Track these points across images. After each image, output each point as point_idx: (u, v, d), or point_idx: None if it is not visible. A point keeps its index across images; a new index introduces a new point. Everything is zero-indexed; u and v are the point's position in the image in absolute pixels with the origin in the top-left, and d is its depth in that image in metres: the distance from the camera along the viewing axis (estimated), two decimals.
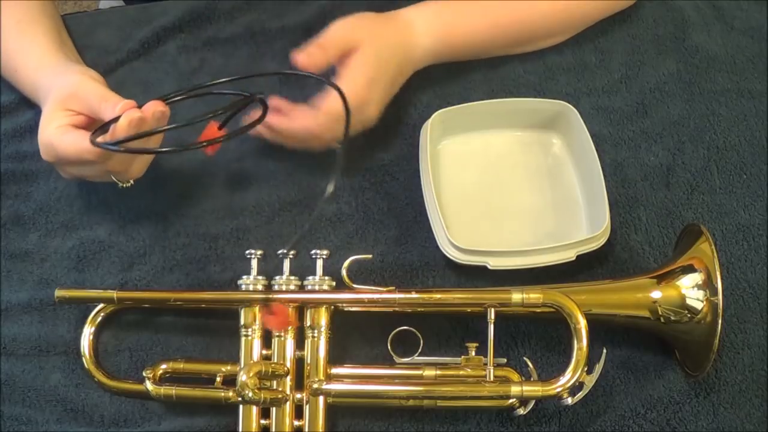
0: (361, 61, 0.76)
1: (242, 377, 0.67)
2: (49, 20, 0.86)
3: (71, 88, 0.75)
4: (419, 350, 0.74)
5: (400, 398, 0.71)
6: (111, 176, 0.76)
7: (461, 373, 0.72)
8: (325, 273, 0.73)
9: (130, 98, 0.72)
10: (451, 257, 0.76)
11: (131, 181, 0.77)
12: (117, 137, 0.68)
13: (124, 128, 0.68)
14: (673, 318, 0.71)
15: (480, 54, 0.87)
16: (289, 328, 0.73)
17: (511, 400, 0.70)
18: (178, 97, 0.74)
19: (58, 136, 0.72)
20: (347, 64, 0.77)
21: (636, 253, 0.81)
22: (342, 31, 0.77)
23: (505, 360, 0.74)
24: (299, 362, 0.73)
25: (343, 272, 0.72)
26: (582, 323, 0.69)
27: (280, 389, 0.72)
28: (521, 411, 0.71)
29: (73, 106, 0.74)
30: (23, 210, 0.84)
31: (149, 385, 0.73)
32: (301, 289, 0.73)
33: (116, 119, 0.69)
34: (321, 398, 0.72)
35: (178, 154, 0.83)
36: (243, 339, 0.73)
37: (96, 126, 0.73)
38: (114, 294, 0.75)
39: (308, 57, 0.75)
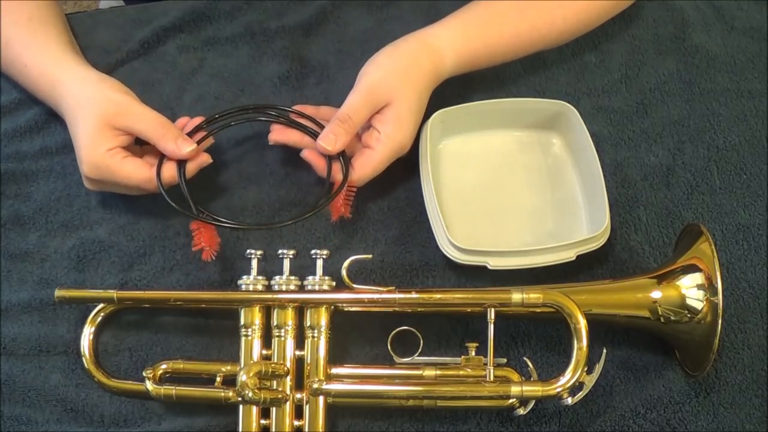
0: (399, 114, 0.76)
1: (242, 377, 0.67)
2: (60, 20, 0.87)
3: (120, 107, 0.76)
4: (419, 350, 0.74)
5: (400, 398, 0.71)
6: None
7: (461, 373, 0.72)
8: (325, 273, 0.73)
9: None
10: (451, 257, 0.76)
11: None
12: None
13: (193, 171, 0.77)
14: (673, 318, 0.71)
15: (496, 64, 0.87)
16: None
17: (511, 400, 0.71)
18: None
19: (117, 161, 0.74)
20: (385, 119, 0.77)
21: (636, 253, 0.81)
22: (369, 95, 0.76)
23: (505, 360, 0.74)
24: (299, 362, 0.73)
25: (343, 272, 0.72)
26: (582, 323, 0.69)
27: (280, 389, 0.72)
28: (521, 411, 0.71)
29: (120, 125, 0.75)
30: (23, 210, 0.84)
31: (149, 385, 0.73)
32: (301, 289, 0.73)
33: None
34: (321, 398, 0.72)
35: None
36: (243, 339, 0.73)
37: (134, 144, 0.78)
38: (114, 294, 0.75)
39: (335, 140, 0.75)
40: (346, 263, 0.73)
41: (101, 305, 0.77)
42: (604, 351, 0.71)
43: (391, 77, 0.77)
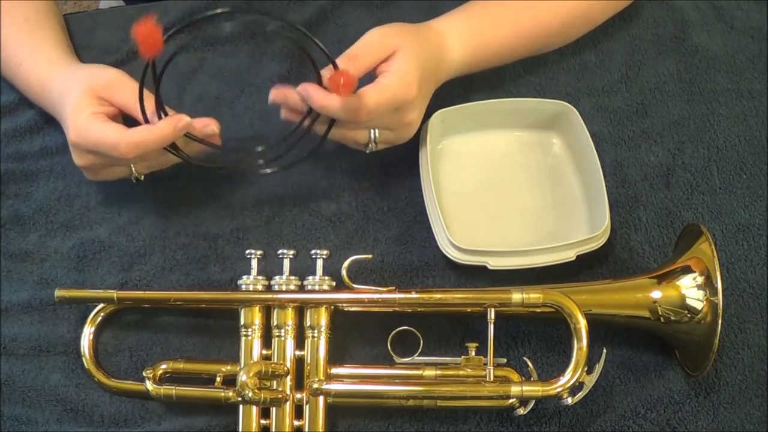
0: (404, 61, 0.74)
1: (242, 377, 0.67)
2: (56, 21, 0.87)
3: (109, 79, 0.76)
4: (419, 350, 0.74)
5: (400, 398, 0.71)
6: (132, 169, 0.77)
7: (461, 373, 0.72)
8: (325, 273, 0.73)
9: None
10: (451, 257, 0.76)
11: (143, 177, 0.78)
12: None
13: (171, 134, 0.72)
14: (673, 318, 0.71)
15: (501, 63, 0.87)
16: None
17: (511, 400, 0.71)
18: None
19: (97, 123, 0.73)
20: (390, 65, 0.74)
21: (636, 253, 0.81)
22: (377, 38, 0.75)
23: (505, 360, 0.74)
24: (299, 362, 0.73)
25: (343, 272, 0.72)
26: (582, 323, 0.69)
27: (280, 389, 0.72)
28: (521, 411, 0.71)
29: (108, 96, 0.75)
30: (23, 210, 0.84)
31: (149, 385, 0.73)
32: (301, 289, 0.73)
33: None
34: (321, 398, 0.72)
35: None
36: (243, 339, 0.73)
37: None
38: (114, 294, 0.75)
39: (350, 63, 0.72)
40: (346, 263, 0.73)
41: (101, 305, 0.77)
42: (604, 351, 0.71)
43: (399, 28, 0.76)
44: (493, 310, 0.71)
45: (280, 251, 0.74)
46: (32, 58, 0.81)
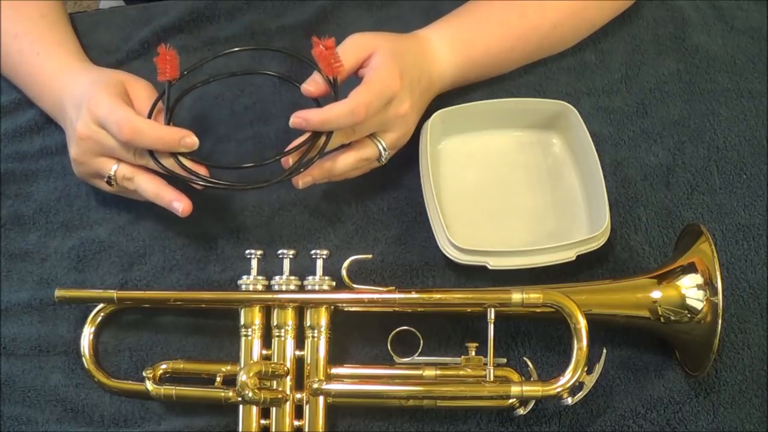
0: (381, 57, 0.75)
1: (242, 377, 0.67)
2: (69, 23, 0.89)
3: (137, 79, 0.79)
4: (419, 350, 0.74)
5: (400, 398, 0.71)
6: (112, 170, 0.76)
7: (461, 373, 0.72)
8: (325, 273, 0.73)
9: None
10: (451, 257, 0.76)
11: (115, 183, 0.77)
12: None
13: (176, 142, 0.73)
14: (673, 318, 0.71)
15: (494, 73, 0.87)
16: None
17: (511, 400, 0.71)
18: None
19: (115, 100, 0.73)
20: (369, 63, 0.75)
21: (636, 253, 0.81)
22: (356, 40, 0.76)
23: (505, 360, 0.74)
24: (299, 362, 0.73)
25: (343, 272, 0.72)
26: (582, 323, 0.69)
27: (280, 389, 0.72)
28: (521, 411, 0.71)
29: (131, 93, 0.77)
30: (23, 210, 0.84)
31: (149, 385, 0.73)
32: (301, 289, 0.73)
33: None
34: (321, 398, 0.72)
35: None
36: (243, 339, 0.73)
37: None
38: (114, 294, 0.75)
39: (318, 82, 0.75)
40: (346, 263, 0.73)
41: (101, 305, 0.77)
42: (604, 351, 0.71)
43: (376, 33, 0.78)
44: (493, 310, 0.71)
45: (280, 251, 0.74)
46: (52, 49, 0.82)
